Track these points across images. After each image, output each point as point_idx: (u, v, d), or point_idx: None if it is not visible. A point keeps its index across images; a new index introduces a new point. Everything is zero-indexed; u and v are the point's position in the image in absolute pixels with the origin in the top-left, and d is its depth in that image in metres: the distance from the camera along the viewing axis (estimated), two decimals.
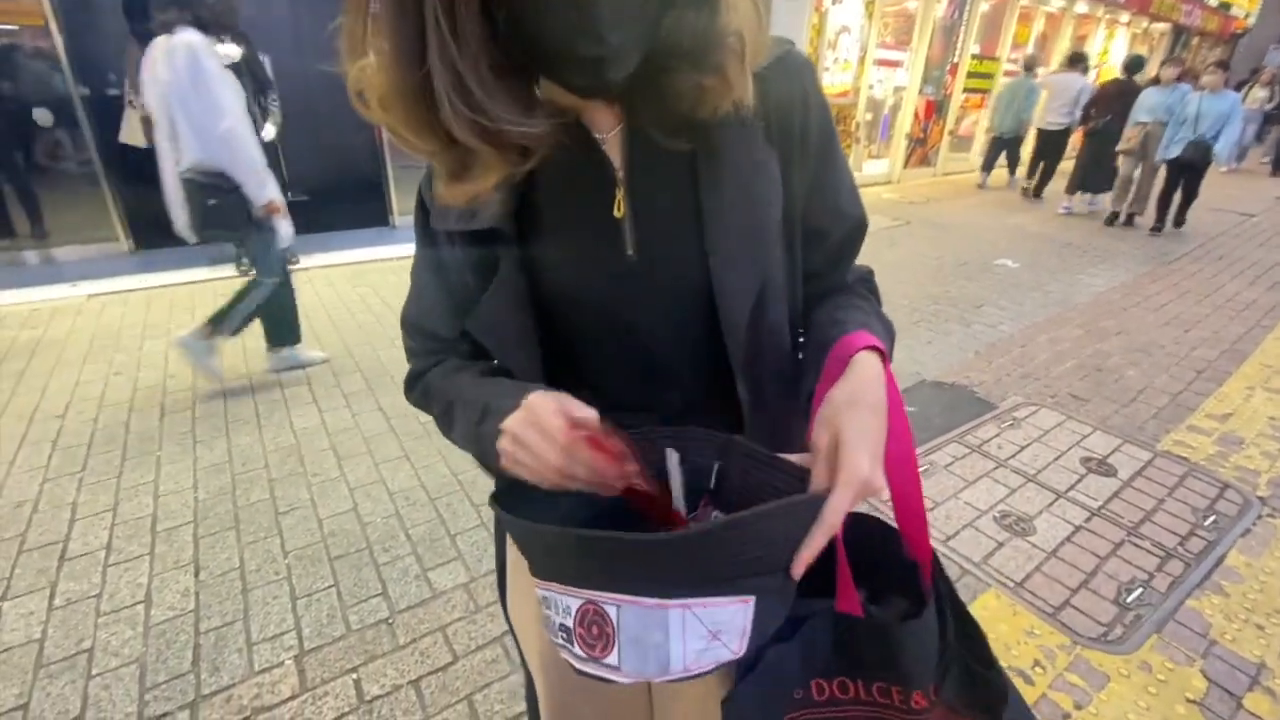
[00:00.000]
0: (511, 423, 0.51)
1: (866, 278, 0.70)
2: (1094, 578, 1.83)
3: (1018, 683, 1.49)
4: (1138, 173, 6.12)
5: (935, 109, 8.36)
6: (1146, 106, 5.80)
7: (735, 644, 0.46)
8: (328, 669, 1.50)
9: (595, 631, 0.46)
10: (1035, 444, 2.49)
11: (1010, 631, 1.63)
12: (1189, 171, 5.69)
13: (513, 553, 0.74)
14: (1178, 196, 5.87)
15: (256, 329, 2.87)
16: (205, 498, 2.07)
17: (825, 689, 0.52)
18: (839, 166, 0.63)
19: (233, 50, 3.13)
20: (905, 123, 8.04)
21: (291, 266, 4.36)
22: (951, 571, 1.83)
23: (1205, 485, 2.26)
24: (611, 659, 0.45)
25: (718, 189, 0.55)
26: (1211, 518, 2.09)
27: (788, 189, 0.58)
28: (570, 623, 0.47)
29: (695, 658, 0.45)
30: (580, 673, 0.48)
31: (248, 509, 2.03)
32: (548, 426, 0.49)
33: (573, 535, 0.45)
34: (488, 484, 0.63)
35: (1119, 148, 6.13)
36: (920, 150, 8.49)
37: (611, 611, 0.45)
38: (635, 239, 0.57)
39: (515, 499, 0.53)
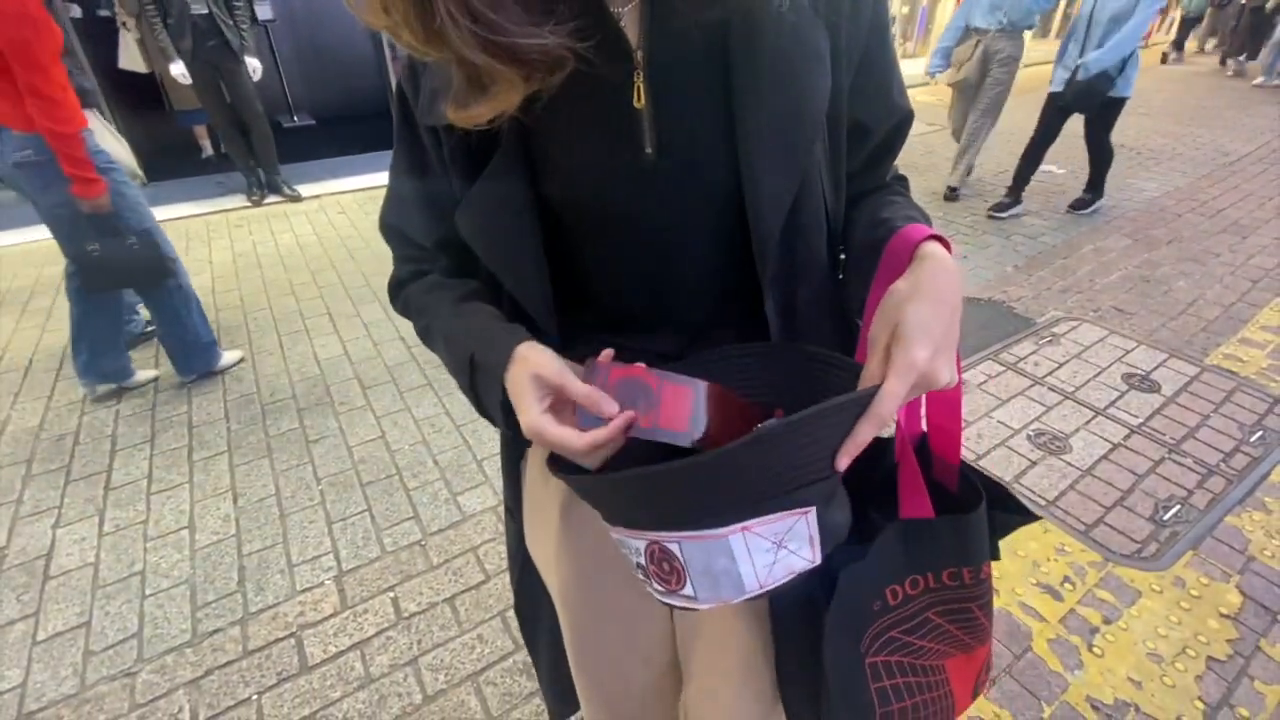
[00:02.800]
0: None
1: (902, 177, 0.63)
2: (1130, 495, 1.79)
3: (1046, 598, 1.49)
4: (972, 121, 3.75)
5: None
6: (987, 2, 3.43)
7: (807, 552, 0.45)
8: (366, 588, 1.56)
9: (666, 568, 0.45)
10: (1074, 360, 2.39)
11: (1040, 549, 1.62)
12: (1089, 121, 3.47)
13: (530, 489, 0.71)
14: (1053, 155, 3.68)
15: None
16: (237, 428, 2.12)
17: (899, 592, 0.53)
18: (890, 50, 0.54)
19: None
20: (946, 15, 7.37)
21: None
22: None
23: (1254, 400, 2.16)
24: (687, 590, 0.45)
25: (753, 71, 0.46)
26: (1259, 433, 2.01)
27: (835, 72, 0.49)
28: (643, 561, 0.47)
29: (768, 572, 0.44)
30: (665, 604, 0.48)
31: (279, 438, 2.07)
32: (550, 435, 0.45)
33: (606, 481, 0.45)
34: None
35: (946, 79, 3.81)
36: None
37: (674, 548, 0.44)
38: (655, 134, 0.48)
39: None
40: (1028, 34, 3.59)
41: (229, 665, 1.39)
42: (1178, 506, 1.75)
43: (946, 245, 0.49)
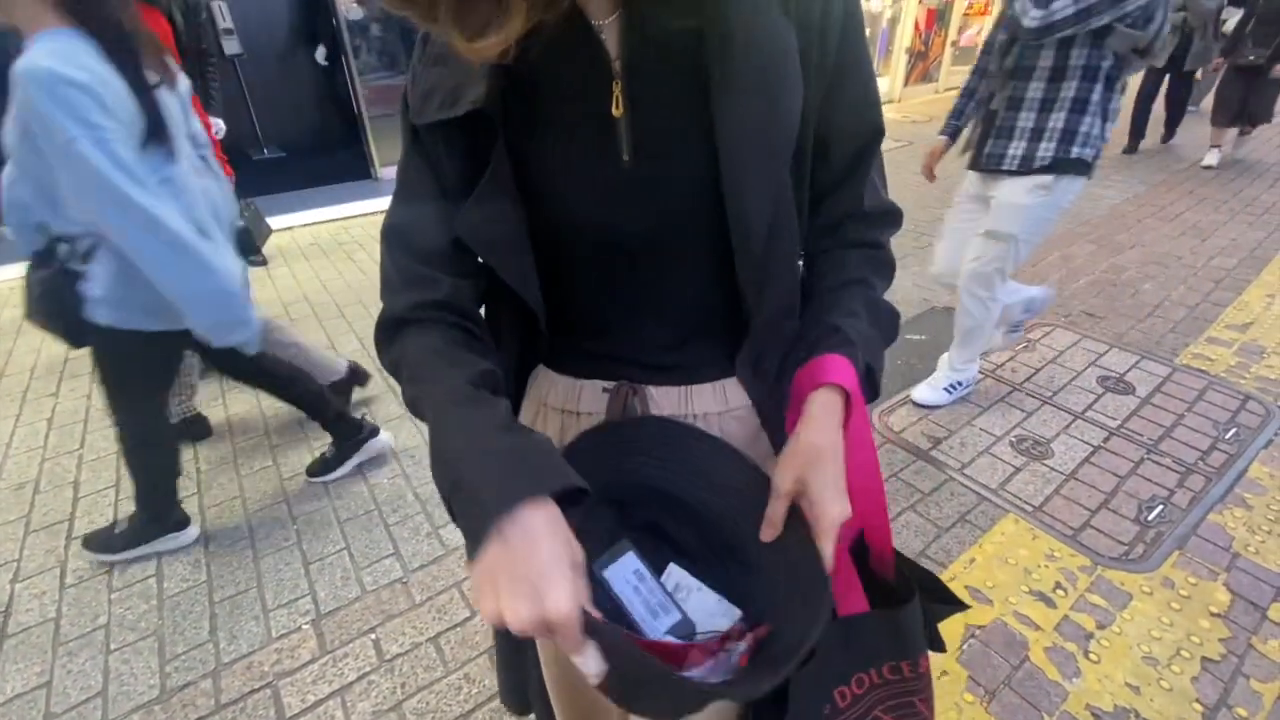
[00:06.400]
0: (494, 556, 0.39)
1: (880, 258, 0.60)
2: (1114, 497, 1.80)
3: (1039, 606, 1.48)
4: None
5: (936, 18, 7.89)
6: None
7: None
8: (346, 631, 1.49)
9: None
10: (1051, 365, 2.43)
11: (1030, 556, 1.62)
12: None
13: None
14: None
15: None
16: (207, 469, 2.04)
17: (847, 693, 0.53)
18: (864, 61, 0.53)
19: None
20: (905, 36, 7.60)
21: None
22: (968, 499, 1.81)
23: (1226, 397, 2.21)
24: None
25: (731, 78, 0.46)
26: (1233, 430, 2.05)
27: (805, 81, 0.49)
28: None
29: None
30: None
31: (251, 477, 2.00)
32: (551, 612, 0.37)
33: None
34: None
35: None
36: (921, 65, 8.05)
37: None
38: (633, 142, 0.49)
39: None
40: None
41: None
42: (1160, 506, 1.76)
43: (850, 379, 0.50)
